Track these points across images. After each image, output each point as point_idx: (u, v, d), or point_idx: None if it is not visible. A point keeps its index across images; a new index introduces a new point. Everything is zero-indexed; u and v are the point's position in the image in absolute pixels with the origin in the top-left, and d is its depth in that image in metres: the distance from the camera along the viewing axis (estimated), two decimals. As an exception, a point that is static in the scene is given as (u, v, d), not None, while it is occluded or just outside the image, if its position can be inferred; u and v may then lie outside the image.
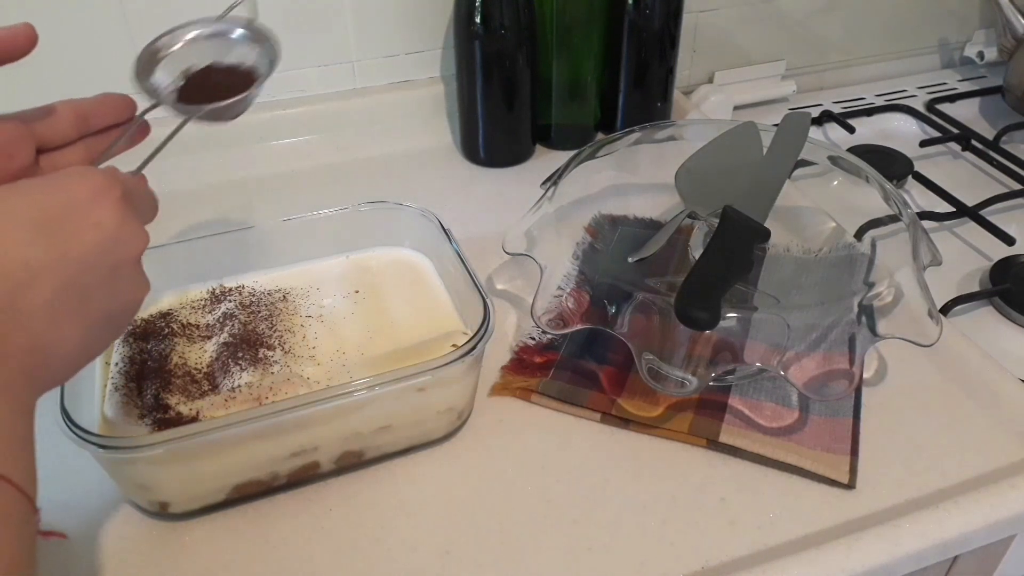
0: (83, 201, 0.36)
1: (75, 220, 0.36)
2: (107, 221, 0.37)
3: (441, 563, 0.48)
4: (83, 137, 0.45)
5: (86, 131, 0.45)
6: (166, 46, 0.50)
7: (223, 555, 0.48)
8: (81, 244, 0.36)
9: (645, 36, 0.81)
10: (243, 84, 0.49)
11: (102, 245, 0.36)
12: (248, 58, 0.50)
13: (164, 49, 0.50)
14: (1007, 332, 0.67)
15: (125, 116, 0.47)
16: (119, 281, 0.38)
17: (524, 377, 0.58)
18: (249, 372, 0.54)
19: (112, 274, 0.37)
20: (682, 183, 0.64)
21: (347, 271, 0.63)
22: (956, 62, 1.09)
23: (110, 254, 0.37)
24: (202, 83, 0.49)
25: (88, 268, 0.36)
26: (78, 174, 0.38)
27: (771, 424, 0.55)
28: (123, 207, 0.38)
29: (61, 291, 0.35)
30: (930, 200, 0.82)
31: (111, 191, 0.38)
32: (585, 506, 0.51)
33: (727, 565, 0.47)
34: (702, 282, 0.51)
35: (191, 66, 0.49)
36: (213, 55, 0.50)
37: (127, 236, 0.38)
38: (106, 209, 0.37)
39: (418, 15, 0.83)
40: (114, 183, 0.38)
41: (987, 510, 0.50)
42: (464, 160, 0.85)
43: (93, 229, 0.36)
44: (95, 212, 0.37)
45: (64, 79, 0.76)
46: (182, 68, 0.49)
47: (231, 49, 0.51)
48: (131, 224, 0.38)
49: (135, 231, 0.39)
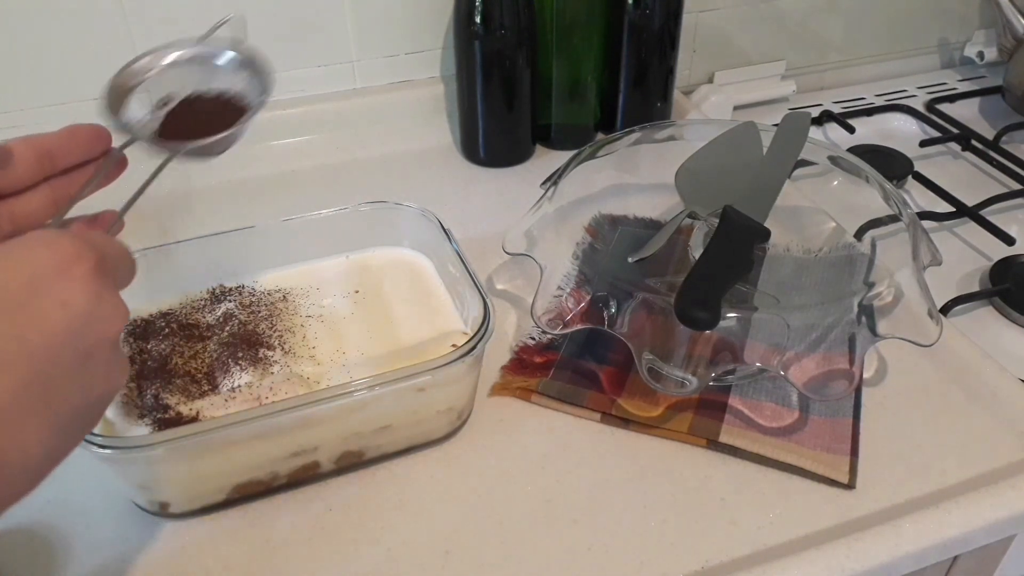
0: (47, 275, 0.30)
1: (38, 300, 0.30)
2: (77, 299, 0.31)
3: (441, 563, 0.48)
4: (48, 179, 0.39)
5: (51, 171, 0.39)
6: (141, 72, 0.44)
7: (223, 555, 0.48)
8: (45, 330, 0.30)
9: (645, 36, 0.81)
10: (231, 115, 0.43)
11: (71, 329, 0.31)
12: (235, 84, 0.45)
13: (139, 76, 0.44)
14: (1007, 332, 0.67)
15: (98, 151, 0.41)
16: (92, 369, 0.32)
17: (524, 377, 0.58)
18: (249, 372, 0.54)
19: (83, 363, 0.31)
20: (682, 183, 0.64)
21: (347, 271, 0.63)
22: (956, 62, 1.09)
23: (81, 338, 0.31)
24: (184, 115, 0.43)
25: (53, 359, 0.30)
26: (41, 242, 0.31)
27: (771, 424, 0.55)
28: (97, 279, 0.32)
29: (20, 391, 0.29)
30: (930, 200, 0.82)
31: (82, 261, 0.31)
32: (585, 506, 0.51)
33: (727, 565, 0.47)
34: (702, 282, 0.51)
35: (170, 95, 0.44)
36: (196, 82, 0.44)
37: (102, 314, 0.32)
38: (76, 284, 0.31)
39: (418, 15, 0.83)
40: (85, 250, 0.32)
41: (987, 510, 0.50)
42: (464, 160, 0.85)
43: (60, 310, 0.30)
44: (62, 289, 0.31)
45: (64, 79, 0.76)
46: (160, 97, 0.43)
47: (216, 75, 0.45)
48: (107, 299, 0.32)
49: (112, 307, 0.33)
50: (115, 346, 0.33)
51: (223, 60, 0.45)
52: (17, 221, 0.39)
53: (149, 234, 0.42)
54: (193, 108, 0.44)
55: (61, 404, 0.31)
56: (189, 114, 0.43)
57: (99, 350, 0.32)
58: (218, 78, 0.45)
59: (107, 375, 0.33)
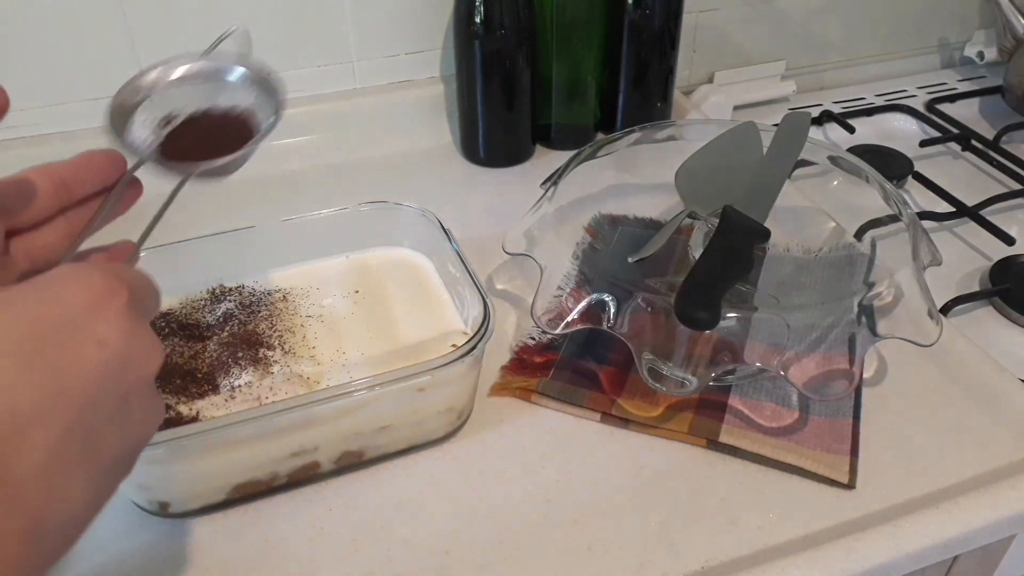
0: (82, 314, 0.28)
1: (73, 342, 0.28)
2: (113, 337, 0.29)
3: (441, 563, 0.48)
4: (63, 210, 0.38)
5: (68, 203, 0.38)
6: (145, 88, 0.42)
7: (223, 555, 0.48)
8: (83, 373, 0.28)
9: (645, 36, 0.81)
10: (241, 133, 0.41)
11: (109, 370, 0.29)
12: (245, 101, 0.42)
13: (143, 92, 0.41)
14: (1007, 332, 0.67)
15: (113, 178, 0.39)
16: (130, 412, 0.30)
17: (524, 377, 0.58)
18: (249, 372, 0.54)
19: (122, 406, 0.29)
20: (682, 183, 0.64)
21: (347, 271, 0.63)
22: (956, 62, 1.09)
23: (120, 380, 0.29)
24: (192, 134, 0.41)
25: (93, 404, 0.28)
26: (73, 278, 0.29)
27: (771, 424, 0.55)
28: (131, 316, 0.30)
29: (61, 442, 0.27)
30: (930, 200, 0.82)
31: (115, 297, 0.29)
32: (585, 506, 0.51)
33: (727, 565, 0.47)
34: (702, 282, 0.51)
35: (175, 112, 0.41)
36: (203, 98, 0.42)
37: (139, 353, 0.30)
38: (111, 322, 0.29)
39: (418, 15, 0.83)
40: (118, 285, 0.30)
41: (987, 510, 0.50)
42: (464, 160, 0.85)
43: (97, 350, 0.28)
44: (98, 327, 0.29)
45: (64, 79, 0.76)
46: (164, 114, 0.41)
47: (224, 91, 0.43)
48: (142, 336, 0.30)
49: (149, 345, 0.31)
50: (151, 386, 0.32)
51: (232, 76, 0.43)
52: (33, 256, 0.37)
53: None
54: (200, 126, 0.42)
55: (102, 452, 0.29)
56: (197, 132, 0.42)
57: (137, 391, 0.30)
58: (226, 94, 0.43)
59: (144, 417, 0.31)
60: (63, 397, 0.27)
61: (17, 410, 0.26)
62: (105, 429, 0.29)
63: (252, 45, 0.45)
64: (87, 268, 0.30)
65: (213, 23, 0.77)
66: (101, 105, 0.40)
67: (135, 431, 0.31)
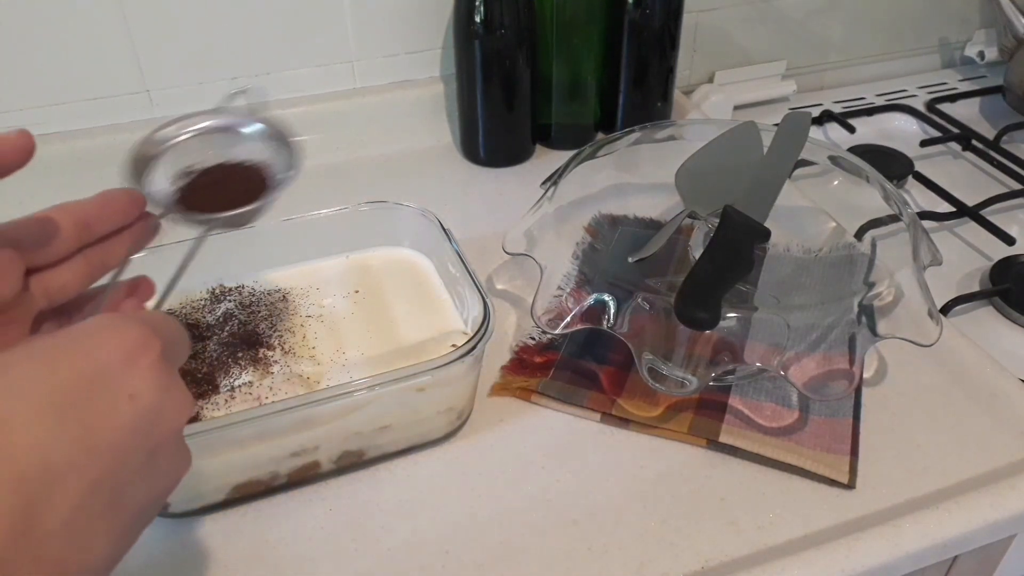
0: (116, 366, 0.29)
1: (107, 395, 0.28)
2: (145, 392, 0.29)
3: (441, 563, 0.48)
4: (82, 248, 0.38)
5: (88, 241, 0.38)
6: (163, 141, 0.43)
7: (223, 555, 0.48)
8: (114, 428, 0.28)
9: (645, 36, 0.81)
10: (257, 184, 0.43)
11: (140, 424, 0.29)
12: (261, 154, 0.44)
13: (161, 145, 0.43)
14: (1007, 332, 0.67)
15: (133, 216, 0.39)
16: (158, 465, 0.30)
17: (524, 377, 0.58)
18: (249, 372, 0.54)
19: (150, 459, 0.29)
20: (682, 183, 0.64)
21: (347, 271, 0.63)
22: (956, 62, 1.09)
23: (150, 435, 0.29)
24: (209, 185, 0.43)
25: (122, 457, 0.28)
26: (109, 328, 0.29)
27: (771, 424, 0.55)
28: (164, 368, 0.30)
29: (88, 496, 0.27)
30: (930, 200, 0.82)
31: (149, 350, 0.30)
32: (585, 506, 0.51)
33: (727, 565, 0.47)
34: (702, 282, 0.50)
35: (191, 164, 0.43)
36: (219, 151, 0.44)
37: (170, 407, 0.30)
38: (144, 375, 0.29)
39: (418, 15, 0.83)
40: (152, 338, 0.30)
41: (987, 510, 0.50)
42: (464, 160, 0.84)
43: (128, 404, 0.28)
44: (131, 380, 0.29)
45: (64, 79, 0.76)
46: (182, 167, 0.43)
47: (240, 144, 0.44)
48: (174, 390, 0.31)
49: (180, 398, 0.31)
50: (180, 438, 0.32)
51: (248, 129, 0.45)
52: (51, 294, 0.37)
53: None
54: (218, 178, 0.43)
55: (127, 505, 0.29)
56: (215, 184, 0.43)
57: (165, 444, 0.30)
58: (242, 147, 0.44)
59: (170, 470, 0.31)
60: (94, 452, 0.27)
61: (49, 465, 0.26)
62: (132, 482, 0.29)
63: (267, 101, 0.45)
64: (122, 320, 0.30)
65: (213, 23, 0.77)
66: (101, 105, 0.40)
67: (160, 483, 0.31)
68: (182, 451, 0.32)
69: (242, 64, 0.80)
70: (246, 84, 0.46)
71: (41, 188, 0.73)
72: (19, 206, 0.43)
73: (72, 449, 0.27)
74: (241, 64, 0.80)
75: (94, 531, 0.28)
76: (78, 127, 0.77)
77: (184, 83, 0.79)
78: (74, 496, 0.26)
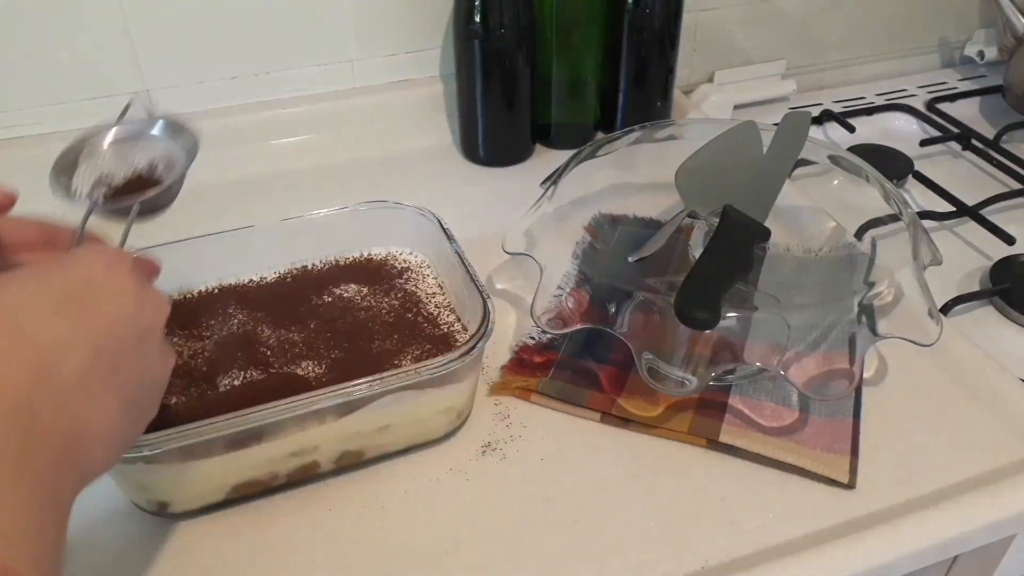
0: (98, 274, 0.37)
1: (96, 293, 0.36)
2: (126, 289, 0.37)
3: (441, 563, 0.48)
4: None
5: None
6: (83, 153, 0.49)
7: (223, 555, 0.48)
8: (106, 314, 0.36)
9: (645, 35, 0.80)
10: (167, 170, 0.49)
11: (126, 313, 0.37)
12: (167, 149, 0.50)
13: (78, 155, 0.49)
14: (1007, 332, 0.67)
15: None
16: (147, 352, 0.38)
17: (524, 377, 0.58)
18: (249, 372, 0.54)
19: (139, 343, 0.37)
20: (682, 182, 0.64)
21: (347, 271, 0.63)
22: (956, 61, 1.09)
23: (135, 322, 0.37)
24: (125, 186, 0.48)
25: (116, 337, 0.36)
26: (88, 251, 0.39)
27: (771, 424, 0.55)
28: (137, 275, 0.38)
29: (93, 361, 0.34)
30: (930, 200, 0.82)
31: (123, 261, 0.38)
32: (585, 506, 0.51)
33: (727, 565, 0.47)
34: (702, 282, 0.51)
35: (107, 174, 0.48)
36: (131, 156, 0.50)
37: (149, 302, 0.39)
38: (122, 279, 0.37)
39: (418, 14, 0.83)
40: (123, 254, 0.40)
41: (987, 510, 0.50)
42: (463, 160, 0.84)
43: (114, 298, 0.36)
44: (113, 283, 0.37)
45: (64, 79, 0.76)
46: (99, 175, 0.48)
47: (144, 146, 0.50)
48: (149, 290, 0.39)
49: (156, 297, 0.40)
50: (162, 334, 0.39)
51: (152, 130, 0.50)
52: None
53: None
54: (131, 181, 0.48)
55: (126, 377, 0.36)
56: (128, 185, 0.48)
57: (151, 334, 0.38)
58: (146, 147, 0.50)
59: (160, 358, 0.39)
60: (92, 329, 0.35)
61: (58, 337, 0.33)
62: (127, 358, 0.36)
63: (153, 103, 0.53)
64: (97, 245, 0.41)
65: (213, 22, 0.77)
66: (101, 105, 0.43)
67: (151, 368, 0.38)
68: (167, 347, 0.40)
69: (242, 63, 0.80)
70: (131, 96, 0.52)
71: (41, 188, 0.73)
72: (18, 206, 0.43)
73: (74, 330, 0.34)
74: (241, 63, 0.80)
75: (102, 395, 0.34)
76: (78, 127, 0.77)
77: (184, 83, 0.79)
78: (82, 358, 0.33)
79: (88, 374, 0.34)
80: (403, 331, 0.57)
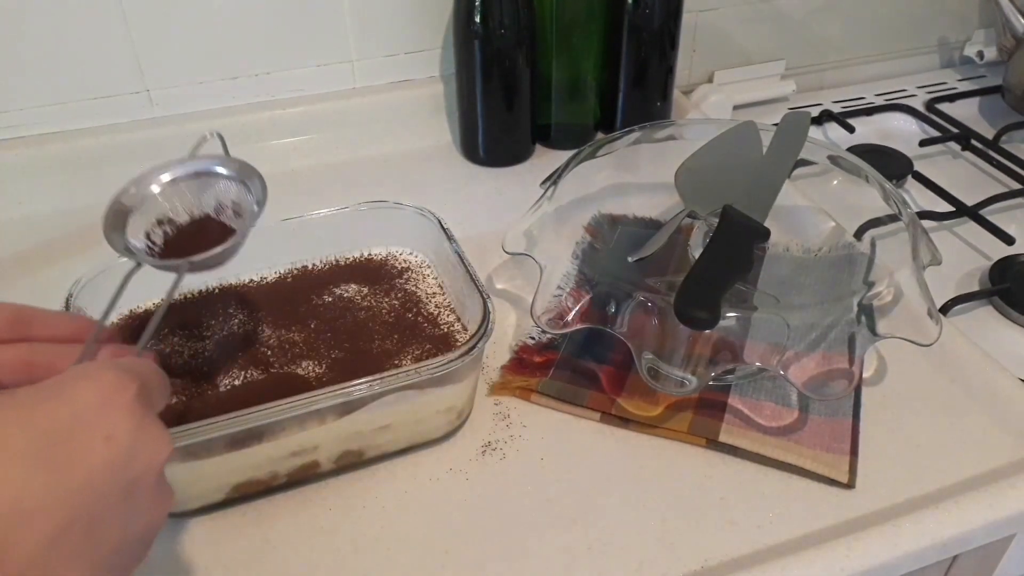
0: (91, 410, 0.30)
1: (82, 437, 0.30)
2: (120, 432, 0.31)
3: (441, 563, 0.48)
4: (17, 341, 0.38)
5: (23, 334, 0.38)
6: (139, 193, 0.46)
7: (223, 555, 0.48)
8: (89, 467, 0.30)
9: (645, 36, 0.81)
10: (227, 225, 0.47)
11: (115, 463, 0.30)
12: (230, 196, 0.48)
13: (136, 197, 0.46)
14: (1007, 332, 0.67)
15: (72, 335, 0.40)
16: (136, 503, 0.31)
17: (524, 377, 0.58)
18: (249, 372, 0.54)
19: (127, 496, 0.31)
20: (682, 183, 0.64)
21: (347, 271, 0.63)
22: (956, 62, 1.09)
23: (124, 472, 0.31)
24: (184, 233, 0.46)
25: (97, 495, 0.30)
26: (84, 376, 0.32)
27: (771, 424, 0.55)
28: (139, 408, 0.32)
29: (61, 532, 0.28)
30: (930, 200, 0.82)
31: (124, 391, 0.32)
32: (585, 506, 0.51)
33: (727, 565, 0.47)
34: (702, 282, 0.51)
35: (165, 213, 0.46)
36: (192, 198, 0.47)
37: (146, 445, 0.32)
38: (119, 416, 0.31)
39: (418, 14, 0.83)
40: (128, 380, 0.32)
41: (987, 510, 0.50)
42: (463, 160, 0.84)
43: (103, 444, 0.30)
44: (106, 422, 0.31)
45: (64, 79, 0.76)
46: (156, 216, 0.46)
47: (210, 188, 0.48)
48: (150, 428, 0.32)
49: (156, 436, 0.32)
50: (159, 477, 0.33)
51: (216, 173, 0.48)
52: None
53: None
54: (192, 226, 0.46)
55: (102, 543, 0.30)
56: (189, 231, 0.46)
57: (143, 482, 0.32)
58: (212, 192, 0.47)
59: (150, 508, 0.33)
60: (65, 491, 0.29)
61: (20, 503, 0.28)
62: (107, 520, 0.30)
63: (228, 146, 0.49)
64: (97, 367, 0.32)
65: (213, 22, 0.77)
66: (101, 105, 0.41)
67: (140, 521, 0.32)
68: (162, 487, 0.33)
69: (242, 64, 0.80)
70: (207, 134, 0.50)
71: (41, 188, 0.74)
72: (18, 206, 0.43)
73: (44, 492, 0.28)
74: (241, 64, 0.80)
75: (68, 567, 0.29)
76: (78, 127, 0.77)
77: (184, 83, 0.79)
78: (43, 534, 0.28)
79: (55, 543, 0.28)
80: (403, 331, 0.57)
